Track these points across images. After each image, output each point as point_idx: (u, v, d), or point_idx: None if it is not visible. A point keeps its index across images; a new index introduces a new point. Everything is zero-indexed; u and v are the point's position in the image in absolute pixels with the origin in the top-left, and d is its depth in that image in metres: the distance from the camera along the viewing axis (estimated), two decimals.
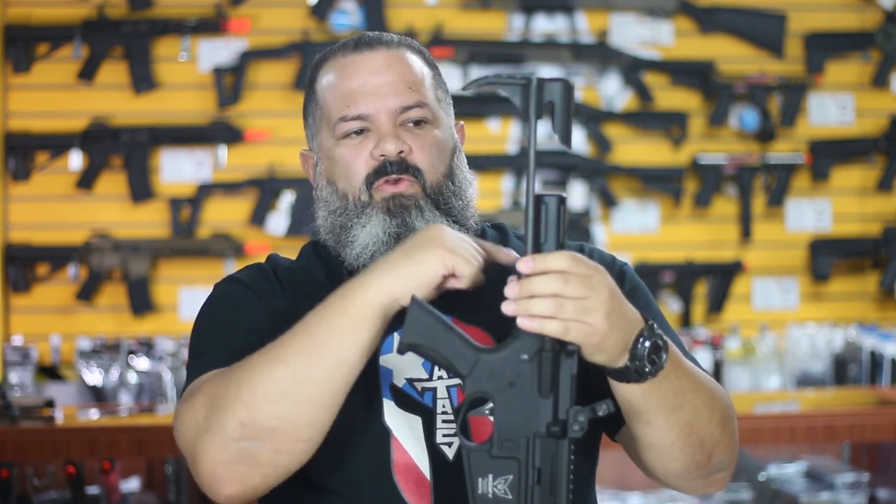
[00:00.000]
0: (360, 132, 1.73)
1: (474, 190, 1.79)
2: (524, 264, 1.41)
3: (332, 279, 1.74)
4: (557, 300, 1.40)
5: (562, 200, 1.42)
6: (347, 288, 1.52)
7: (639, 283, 1.78)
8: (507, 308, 1.42)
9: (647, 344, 1.47)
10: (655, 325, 1.49)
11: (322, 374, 1.48)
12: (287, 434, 1.48)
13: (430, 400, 1.68)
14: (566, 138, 1.42)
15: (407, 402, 1.68)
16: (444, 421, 1.67)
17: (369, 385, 1.67)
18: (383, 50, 1.75)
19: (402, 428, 1.66)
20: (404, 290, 1.48)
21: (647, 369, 1.48)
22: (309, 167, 1.83)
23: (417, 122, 1.74)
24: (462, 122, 1.85)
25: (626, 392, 1.51)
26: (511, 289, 1.42)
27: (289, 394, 1.48)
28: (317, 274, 1.77)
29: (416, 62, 1.77)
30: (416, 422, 1.67)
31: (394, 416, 1.67)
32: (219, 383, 1.53)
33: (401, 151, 1.71)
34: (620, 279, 1.76)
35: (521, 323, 1.41)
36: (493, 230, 1.83)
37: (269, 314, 1.69)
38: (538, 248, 1.42)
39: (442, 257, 1.50)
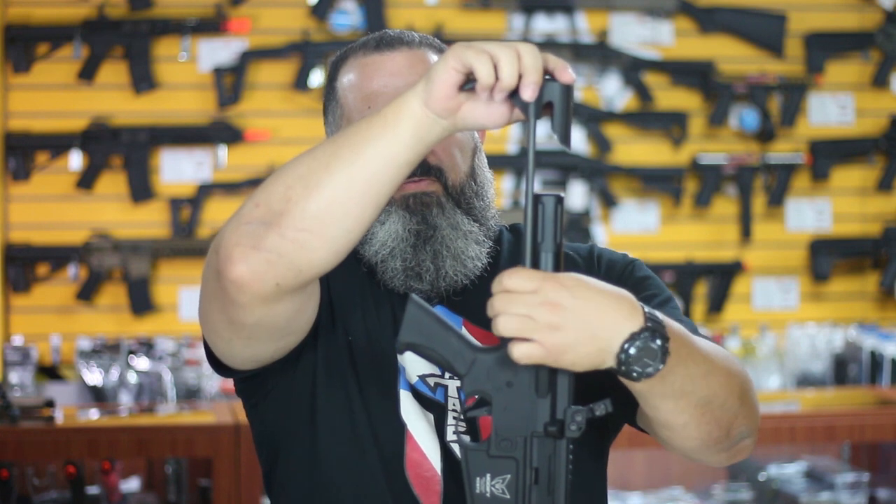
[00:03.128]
0: None
1: (494, 190, 1.78)
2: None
3: (351, 277, 1.74)
4: (504, 318, 1.39)
5: (559, 200, 1.42)
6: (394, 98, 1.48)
7: (650, 274, 1.77)
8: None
9: (633, 351, 1.42)
10: (657, 328, 1.44)
11: (338, 167, 1.45)
12: (292, 219, 1.45)
13: (441, 396, 1.69)
14: (566, 138, 1.41)
15: (420, 398, 1.69)
16: (454, 418, 1.68)
17: (386, 377, 1.68)
18: (405, 50, 1.74)
19: (416, 423, 1.67)
20: (430, 96, 1.42)
21: (634, 374, 1.44)
22: None
23: None
24: None
25: (626, 382, 1.48)
26: None
27: (302, 179, 1.45)
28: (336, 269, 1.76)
29: None
30: (430, 418, 1.68)
31: (409, 410, 1.68)
32: None
33: None
34: (630, 271, 1.76)
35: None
36: (510, 233, 1.83)
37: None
38: (536, 248, 1.42)
39: (455, 52, 1.41)
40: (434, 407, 1.68)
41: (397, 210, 1.70)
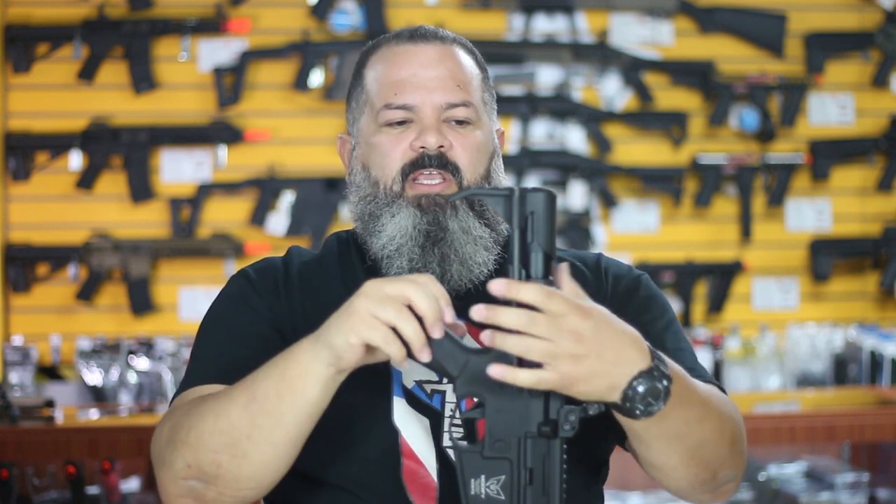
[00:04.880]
0: (402, 122, 1.72)
1: None
2: (496, 286, 1.40)
3: (346, 278, 1.74)
4: (525, 340, 1.38)
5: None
6: (291, 349, 1.50)
7: (656, 293, 1.77)
8: (483, 338, 1.41)
9: (641, 389, 1.43)
10: (662, 369, 1.45)
11: (260, 435, 1.49)
12: (228, 482, 1.52)
13: (438, 403, 1.68)
14: (549, 247, 1.41)
15: (416, 403, 1.68)
16: (451, 424, 1.67)
17: (380, 383, 1.68)
18: (437, 44, 1.75)
19: (411, 429, 1.67)
20: (340, 362, 1.45)
21: (637, 412, 1.44)
22: (345, 151, 1.82)
23: (461, 122, 1.73)
24: (502, 129, 1.84)
25: (622, 419, 1.49)
26: (478, 311, 1.40)
27: (228, 447, 1.50)
28: (331, 271, 1.76)
29: (467, 61, 1.77)
30: (425, 424, 1.67)
31: (403, 416, 1.67)
32: (181, 416, 1.57)
33: (441, 146, 1.70)
34: (635, 288, 1.76)
35: (492, 372, 1.40)
36: None
37: (270, 318, 1.70)
38: (525, 247, 1.42)
39: (355, 327, 1.43)
40: (430, 413, 1.68)
41: (408, 206, 1.70)
